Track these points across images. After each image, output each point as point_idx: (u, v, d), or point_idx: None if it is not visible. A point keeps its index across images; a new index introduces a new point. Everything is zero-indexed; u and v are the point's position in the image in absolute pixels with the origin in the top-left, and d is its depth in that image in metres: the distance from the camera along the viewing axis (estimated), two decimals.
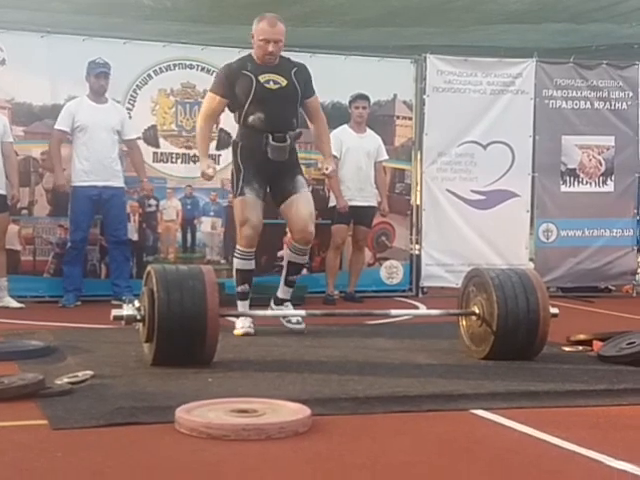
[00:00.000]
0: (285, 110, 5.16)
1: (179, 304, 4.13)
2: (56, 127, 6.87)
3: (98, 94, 6.93)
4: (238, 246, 5.28)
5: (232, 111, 5.32)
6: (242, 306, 5.33)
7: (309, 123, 5.53)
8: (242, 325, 5.24)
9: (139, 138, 7.26)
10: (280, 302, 5.44)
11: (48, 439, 3.06)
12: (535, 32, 8.79)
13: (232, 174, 5.31)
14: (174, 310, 4.11)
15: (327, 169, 5.39)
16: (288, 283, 5.43)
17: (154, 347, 4.16)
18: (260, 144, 5.11)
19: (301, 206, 5.22)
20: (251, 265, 5.33)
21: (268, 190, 5.32)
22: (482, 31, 8.88)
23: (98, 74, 6.87)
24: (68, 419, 3.25)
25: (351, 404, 3.57)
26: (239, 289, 5.32)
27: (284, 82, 5.15)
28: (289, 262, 5.42)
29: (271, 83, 5.13)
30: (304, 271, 7.70)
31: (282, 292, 5.45)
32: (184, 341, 4.11)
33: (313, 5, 8.11)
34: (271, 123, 5.11)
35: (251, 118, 5.12)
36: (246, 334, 5.18)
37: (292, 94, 5.19)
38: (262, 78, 5.11)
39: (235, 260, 5.34)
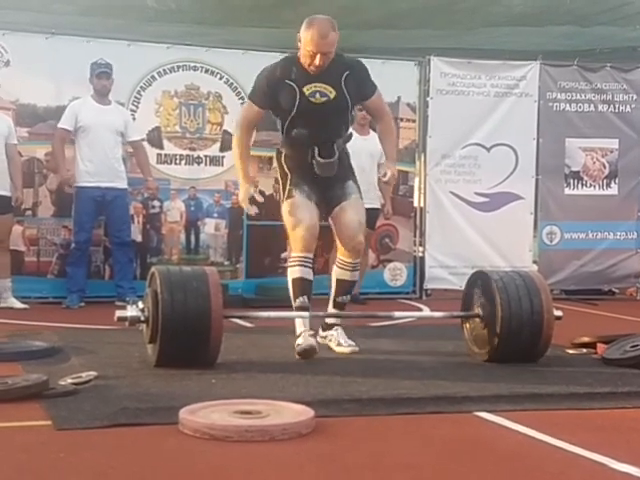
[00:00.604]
0: (332, 123, 4.58)
1: (183, 305, 4.12)
2: (59, 126, 6.88)
3: (101, 95, 6.95)
4: (292, 252, 4.64)
5: (275, 116, 4.73)
6: (301, 324, 4.56)
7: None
8: (304, 340, 4.50)
9: (143, 139, 7.27)
10: (329, 327, 4.79)
11: (51, 440, 3.06)
12: (539, 35, 8.78)
13: (279, 182, 4.75)
14: (178, 311, 4.11)
15: (385, 175, 4.66)
16: (337, 305, 4.75)
17: (158, 348, 4.15)
18: (305, 157, 4.57)
19: (349, 213, 4.61)
20: (309, 274, 4.57)
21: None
22: (486, 34, 8.87)
23: (99, 74, 6.89)
24: (72, 420, 3.25)
25: (354, 406, 3.56)
26: (298, 302, 4.53)
27: (332, 93, 4.51)
28: (337, 280, 4.73)
29: (317, 95, 4.50)
30: None
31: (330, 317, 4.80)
32: (188, 342, 4.11)
33: (318, 7, 8.08)
34: (316, 138, 4.54)
35: (294, 132, 4.56)
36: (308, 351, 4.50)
37: (341, 105, 4.56)
38: (307, 89, 4.49)
39: (289, 269, 4.59)
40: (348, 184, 4.70)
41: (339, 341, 4.74)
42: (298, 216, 4.54)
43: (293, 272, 4.56)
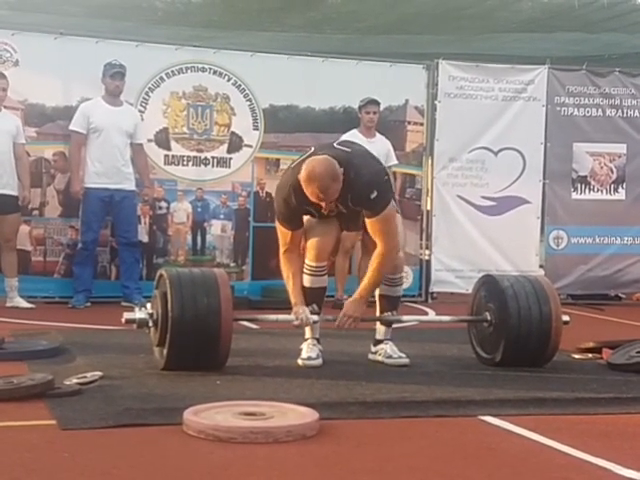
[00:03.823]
0: (352, 218, 4.48)
1: (193, 312, 4.09)
2: (74, 129, 6.87)
3: (113, 95, 6.95)
4: (306, 259, 4.57)
5: None
6: (309, 331, 4.61)
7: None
8: (309, 355, 4.52)
9: (151, 141, 7.28)
10: (379, 342, 4.71)
11: (56, 439, 3.07)
12: (547, 41, 8.76)
13: None
14: (187, 318, 4.08)
15: (337, 321, 4.46)
16: (383, 322, 4.70)
17: (166, 354, 4.13)
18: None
19: None
20: (322, 282, 4.59)
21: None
22: (494, 39, 8.87)
23: (113, 74, 6.89)
24: (76, 419, 3.26)
25: (359, 408, 3.57)
26: (308, 308, 4.51)
27: (345, 210, 4.39)
28: (379, 296, 4.68)
29: (335, 211, 4.39)
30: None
31: (378, 332, 4.71)
32: (197, 349, 4.09)
33: (326, 12, 8.11)
34: (341, 223, 4.59)
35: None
36: (312, 367, 4.46)
37: (356, 212, 4.43)
38: (324, 210, 4.32)
39: (304, 277, 4.56)
40: None
41: (389, 354, 4.60)
42: (314, 225, 4.51)
43: (305, 280, 4.55)
